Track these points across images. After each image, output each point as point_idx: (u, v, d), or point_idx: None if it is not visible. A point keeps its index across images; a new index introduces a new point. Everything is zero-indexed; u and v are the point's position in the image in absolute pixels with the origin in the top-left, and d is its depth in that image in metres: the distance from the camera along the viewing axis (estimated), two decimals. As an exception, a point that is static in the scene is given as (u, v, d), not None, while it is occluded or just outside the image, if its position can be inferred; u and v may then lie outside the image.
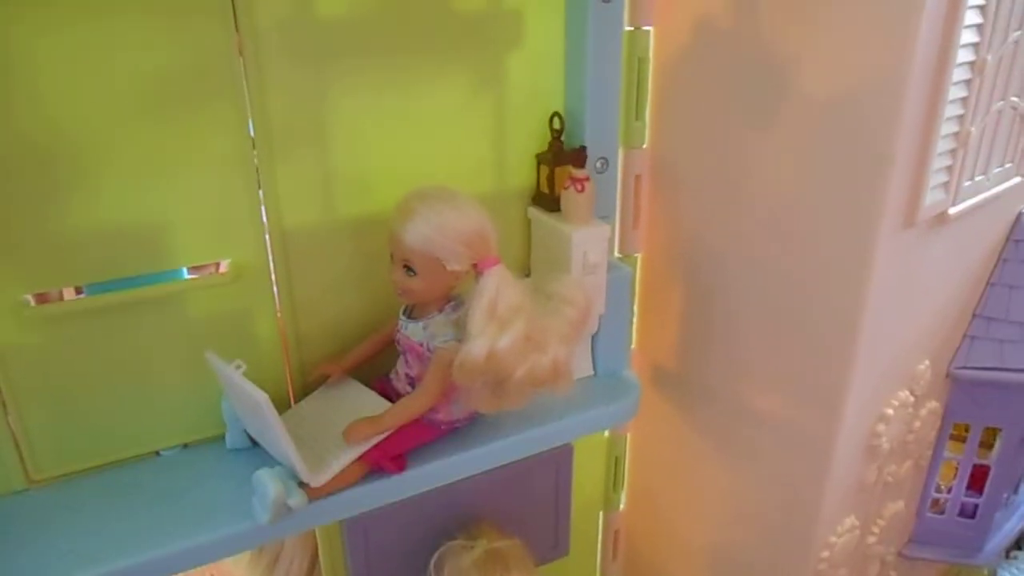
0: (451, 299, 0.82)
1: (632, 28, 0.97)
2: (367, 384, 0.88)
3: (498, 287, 0.76)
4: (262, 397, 0.70)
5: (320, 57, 0.79)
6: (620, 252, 1.12)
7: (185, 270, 0.84)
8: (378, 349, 0.89)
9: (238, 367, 0.75)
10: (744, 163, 0.94)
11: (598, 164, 0.96)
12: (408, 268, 0.78)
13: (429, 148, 0.88)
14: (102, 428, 0.83)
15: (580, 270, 0.90)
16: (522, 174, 0.96)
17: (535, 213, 0.96)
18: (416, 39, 0.83)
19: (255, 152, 0.79)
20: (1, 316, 0.77)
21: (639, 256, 1.14)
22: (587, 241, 0.89)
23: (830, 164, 0.87)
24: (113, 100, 0.73)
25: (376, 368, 0.89)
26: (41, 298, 0.79)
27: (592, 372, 1.00)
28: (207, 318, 0.83)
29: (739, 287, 1.00)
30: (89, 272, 0.78)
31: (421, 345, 0.81)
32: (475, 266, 0.77)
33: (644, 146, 1.06)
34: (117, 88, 0.73)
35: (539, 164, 0.95)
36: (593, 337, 0.99)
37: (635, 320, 1.18)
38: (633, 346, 1.20)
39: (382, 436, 0.80)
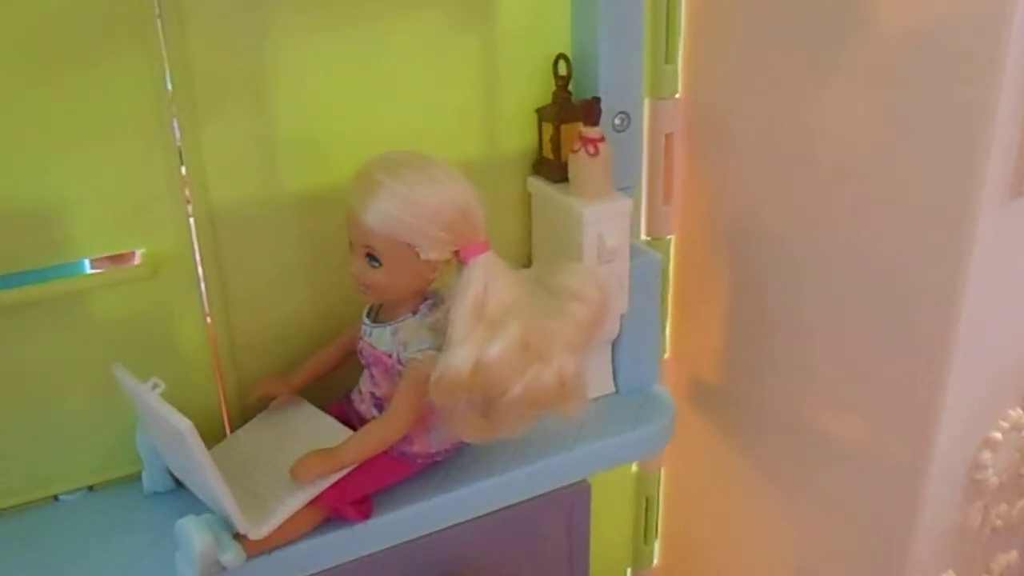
0: (427, 297, 0.82)
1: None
2: (322, 407, 0.88)
3: (486, 280, 0.76)
4: (184, 425, 0.70)
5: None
6: (647, 234, 1.12)
7: (87, 263, 0.84)
8: (336, 362, 0.90)
9: (155, 387, 0.75)
10: (807, 117, 0.94)
11: (617, 120, 0.95)
12: (371, 257, 0.78)
13: (397, 102, 0.89)
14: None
15: (594, 257, 0.90)
16: (518, 134, 0.96)
17: (536, 184, 0.96)
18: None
19: (174, 112, 0.80)
20: None
21: (672, 238, 1.14)
22: (603, 220, 0.89)
23: (916, 118, 0.85)
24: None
25: (334, 386, 0.90)
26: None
27: (613, 388, 1.01)
28: (117, 323, 0.83)
29: (801, 277, 1.00)
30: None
31: (390, 356, 0.82)
32: (457, 254, 0.77)
33: (676, 96, 1.06)
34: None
35: (540, 121, 0.95)
36: (613, 344, 0.99)
37: (668, 321, 1.18)
38: (666, 354, 1.19)
39: (341, 474, 0.80)
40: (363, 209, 0.76)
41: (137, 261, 0.83)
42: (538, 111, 0.95)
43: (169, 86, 0.78)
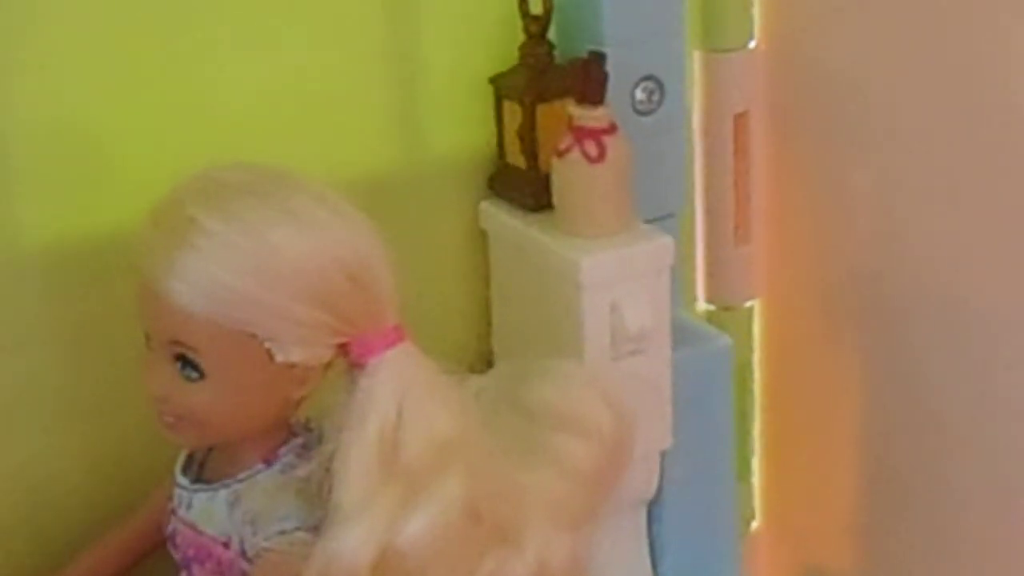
0: (292, 433, 0.84)
1: None
2: None
3: (401, 398, 0.77)
4: None
5: None
6: (708, 300, 1.13)
7: None
8: (126, 560, 0.92)
9: None
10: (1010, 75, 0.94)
11: (640, 94, 0.97)
12: (185, 363, 0.79)
13: (238, 66, 0.92)
14: None
15: (605, 348, 0.91)
16: (461, 124, 0.99)
17: (495, 216, 0.98)
18: None
19: None
20: None
21: (754, 306, 1.15)
22: (620, 278, 0.91)
23: None
24: None
25: None
26: None
27: None
28: None
29: (1001, 373, 1.00)
30: None
31: (226, 544, 0.82)
32: (345, 351, 0.79)
33: (750, 44, 1.08)
34: None
35: (500, 99, 0.97)
36: (651, 507, 1.00)
37: (755, 460, 1.20)
38: (755, 523, 1.20)
39: None
40: (166, 274, 0.76)
41: None
42: (494, 81, 0.96)
43: None
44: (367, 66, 0.97)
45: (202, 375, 0.78)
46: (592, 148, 0.91)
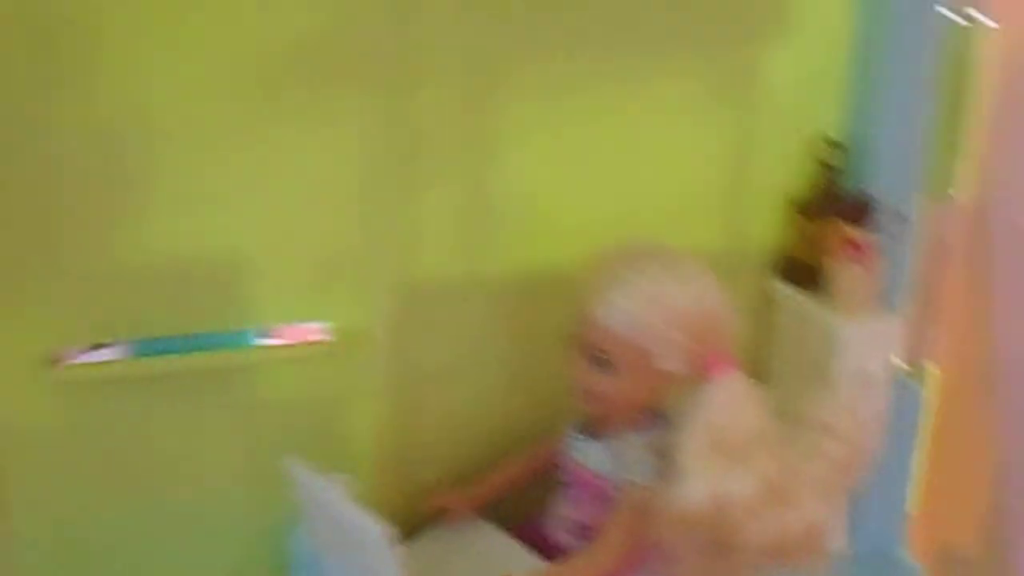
0: (655, 414, 1.03)
1: (957, 19, 1.13)
2: (505, 529, 1.10)
3: (730, 404, 0.96)
4: (383, 532, 0.88)
5: (488, 42, 1.03)
6: (906, 360, 1.28)
7: (253, 333, 1.04)
8: (526, 477, 1.13)
9: (341, 485, 0.96)
10: None
11: (890, 223, 1.17)
12: (599, 362, 0.99)
13: (628, 178, 1.14)
14: (110, 561, 1.01)
15: (852, 385, 1.12)
16: (763, 226, 1.20)
17: (783, 290, 1.20)
18: (626, 20, 1.05)
19: (390, 165, 1.01)
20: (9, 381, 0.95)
21: (933, 368, 1.32)
22: (865, 342, 1.12)
23: None
24: (191, 74, 0.93)
25: (520, 505, 1.11)
26: (60, 359, 0.98)
27: (842, 544, 1.20)
28: (285, 406, 1.05)
29: None
30: (122, 325, 0.99)
31: (600, 477, 1.02)
32: (699, 367, 0.98)
33: (955, 197, 1.27)
34: (200, 58, 0.94)
35: (795, 214, 1.18)
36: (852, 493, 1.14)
37: (921, 470, 1.33)
38: (914, 510, 1.34)
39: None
40: (600, 305, 0.97)
41: (319, 337, 1.05)
42: (793, 202, 1.17)
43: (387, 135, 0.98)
44: (712, 189, 1.18)
45: (609, 370, 0.99)
46: (858, 254, 1.12)
